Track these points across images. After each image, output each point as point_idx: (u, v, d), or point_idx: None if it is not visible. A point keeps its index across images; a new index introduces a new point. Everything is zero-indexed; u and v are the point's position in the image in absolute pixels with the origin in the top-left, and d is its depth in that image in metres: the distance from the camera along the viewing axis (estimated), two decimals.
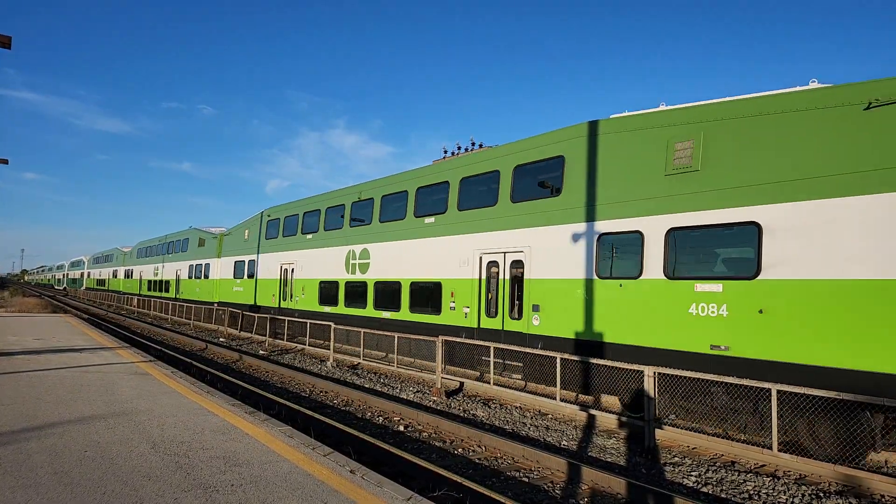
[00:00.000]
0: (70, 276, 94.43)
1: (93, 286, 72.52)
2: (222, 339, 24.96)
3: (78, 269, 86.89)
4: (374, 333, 17.30)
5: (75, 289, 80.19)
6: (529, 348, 12.22)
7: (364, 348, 17.51)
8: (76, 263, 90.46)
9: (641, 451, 8.90)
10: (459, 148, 19.12)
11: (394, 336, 16.05)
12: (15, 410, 7.85)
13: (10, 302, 39.88)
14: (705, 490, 7.35)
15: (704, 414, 9.52)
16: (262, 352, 20.85)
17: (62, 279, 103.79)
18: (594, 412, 10.52)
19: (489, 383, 12.86)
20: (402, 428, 10.09)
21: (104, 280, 66.33)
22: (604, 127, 11.73)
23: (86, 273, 79.97)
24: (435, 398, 12.64)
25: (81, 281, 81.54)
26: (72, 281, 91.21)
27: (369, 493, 5.17)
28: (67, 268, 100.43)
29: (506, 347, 12.67)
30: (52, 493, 4.91)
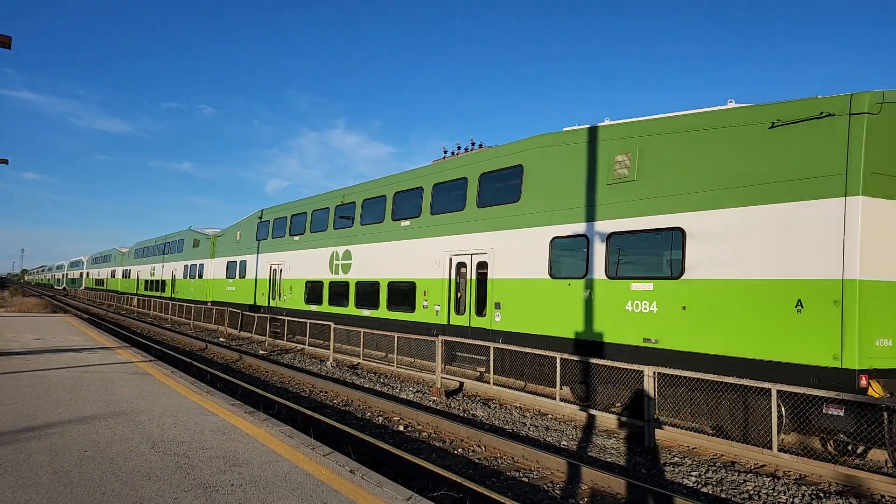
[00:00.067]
0: (69, 276, 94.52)
1: (92, 286, 72.56)
2: (222, 339, 24.98)
3: (77, 270, 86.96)
4: (375, 333, 17.54)
5: (75, 289, 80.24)
6: (497, 344, 12.91)
7: (364, 348, 17.54)
8: (75, 263, 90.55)
9: (641, 451, 8.91)
10: (459, 148, 19.10)
11: (394, 336, 16.13)
12: (15, 410, 7.85)
13: (10, 302, 39.87)
14: (705, 490, 7.35)
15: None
16: (262, 352, 20.87)
17: (62, 279, 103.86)
18: (594, 412, 10.54)
19: (489, 383, 12.89)
20: (402, 428, 10.10)
21: (103, 280, 66.40)
22: (557, 139, 12.57)
23: (85, 273, 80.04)
24: (435, 398, 12.65)
25: (81, 281, 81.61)
26: (71, 281, 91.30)
27: (369, 493, 5.16)
28: (67, 268, 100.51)
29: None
30: (52, 493, 4.90)
